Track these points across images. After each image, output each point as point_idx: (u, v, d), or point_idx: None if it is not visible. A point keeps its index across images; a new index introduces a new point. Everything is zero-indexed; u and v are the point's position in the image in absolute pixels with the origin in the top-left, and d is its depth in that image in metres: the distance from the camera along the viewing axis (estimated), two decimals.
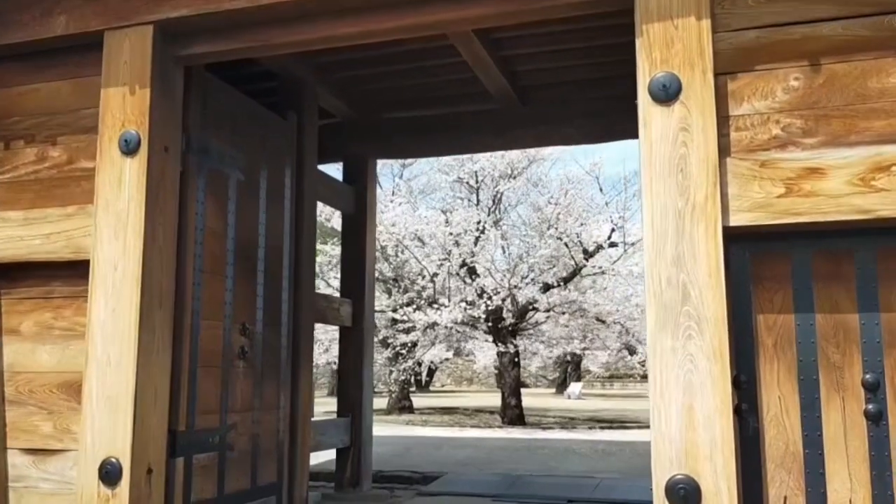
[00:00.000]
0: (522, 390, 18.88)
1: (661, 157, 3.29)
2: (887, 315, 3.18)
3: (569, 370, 44.20)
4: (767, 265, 3.33)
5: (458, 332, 20.65)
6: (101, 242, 4.05)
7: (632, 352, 24.30)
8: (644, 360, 26.46)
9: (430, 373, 40.94)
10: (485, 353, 36.00)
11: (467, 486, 8.19)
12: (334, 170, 9.06)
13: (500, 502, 7.08)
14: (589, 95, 6.93)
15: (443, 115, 7.35)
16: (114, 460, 3.81)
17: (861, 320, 3.21)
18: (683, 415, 3.11)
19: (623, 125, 6.95)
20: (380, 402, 21.76)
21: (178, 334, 4.33)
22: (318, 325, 7.05)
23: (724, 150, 3.29)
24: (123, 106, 4.15)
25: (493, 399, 32.86)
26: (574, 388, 37.27)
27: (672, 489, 3.06)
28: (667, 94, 3.31)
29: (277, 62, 6.06)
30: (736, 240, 3.29)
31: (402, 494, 7.59)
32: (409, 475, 9.00)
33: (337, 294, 9.08)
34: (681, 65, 3.32)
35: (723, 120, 3.32)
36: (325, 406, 19.71)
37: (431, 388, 44.88)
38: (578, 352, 18.07)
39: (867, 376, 3.18)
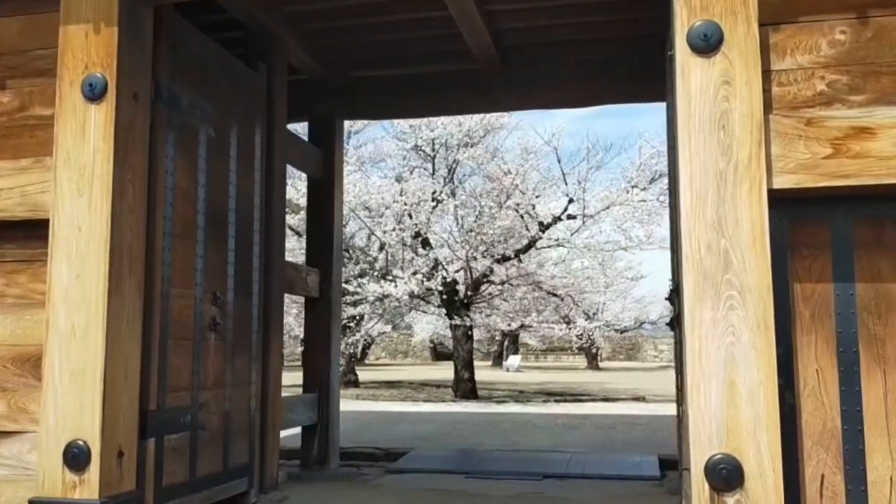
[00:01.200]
0: (452, 362, 18.78)
1: (701, 113, 3.06)
2: None
3: (506, 343, 44.42)
4: (805, 232, 3.16)
5: (405, 305, 20.41)
6: (63, 200, 3.63)
7: (569, 324, 24.24)
8: (581, 333, 26.75)
9: (366, 346, 40.63)
10: (423, 326, 35.85)
11: (436, 462, 7.97)
12: (298, 131, 8.60)
13: (475, 479, 6.88)
14: (575, 57, 6.67)
15: (419, 75, 6.99)
16: (81, 443, 3.43)
17: None
18: (725, 390, 2.92)
19: (612, 89, 6.76)
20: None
21: (147, 303, 3.94)
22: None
23: (766, 107, 3.08)
24: (87, 46, 3.71)
25: (434, 372, 32.80)
26: (513, 360, 37.50)
27: (713, 469, 2.88)
28: (708, 44, 3.07)
29: (245, 10, 5.61)
30: (773, 204, 3.09)
31: (369, 473, 7.32)
32: (372, 452, 8.72)
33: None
34: (723, 13, 3.09)
35: (765, 74, 3.11)
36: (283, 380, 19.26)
37: (367, 362, 44.69)
38: (535, 325, 18.05)
39: None
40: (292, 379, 11.15)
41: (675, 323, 4.14)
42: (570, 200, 16.05)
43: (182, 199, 4.37)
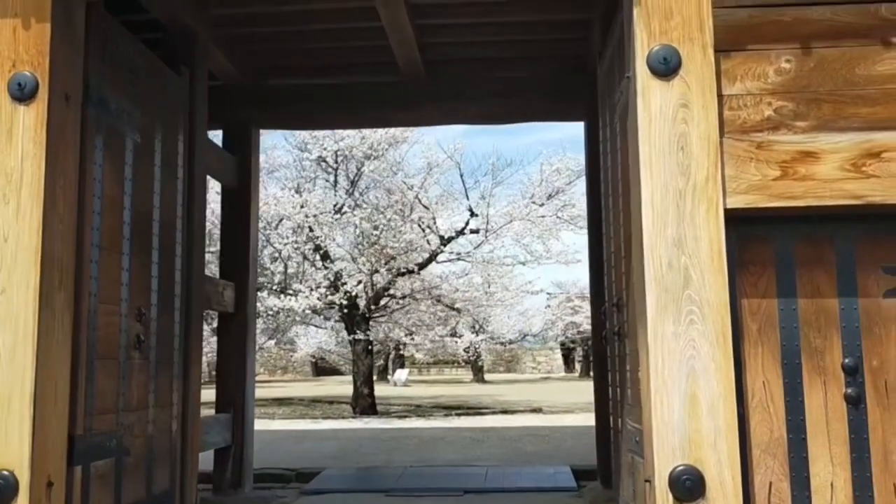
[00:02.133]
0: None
1: (660, 134, 3.19)
2: (865, 300, 3.29)
3: (391, 357, 44.27)
4: (752, 250, 3.34)
5: (299, 320, 20.03)
6: None
7: (461, 336, 24.45)
8: (468, 347, 27.15)
9: None
10: (306, 341, 35.19)
11: (351, 481, 7.86)
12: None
13: (395, 497, 6.83)
14: (498, 75, 6.82)
15: (342, 85, 6.92)
16: (7, 473, 3.16)
17: (840, 305, 3.30)
18: (686, 402, 3.04)
19: (532, 107, 6.92)
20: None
21: (75, 320, 3.69)
22: None
23: (720, 130, 3.24)
24: (14, 42, 3.45)
25: (319, 388, 32.26)
26: (400, 374, 37.47)
27: (676, 480, 2.98)
28: (667, 68, 3.21)
29: (169, 12, 5.38)
30: (726, 223, 3.25)
31: (285, 495, 7.12)
32: (282, 473, 8.49)
33: None
34: (681, 38, 3.24)
35: (717, 99, 3.27)
36: None
37: None
38: (437, 338, 18.10)
39: (847, 360, 3.27)
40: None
41: (615, 336, 4.27)
42: (473, 214, 16.26)
43: (110, 208, 4.13)
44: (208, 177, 6.74)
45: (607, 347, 4.82)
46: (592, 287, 6.67)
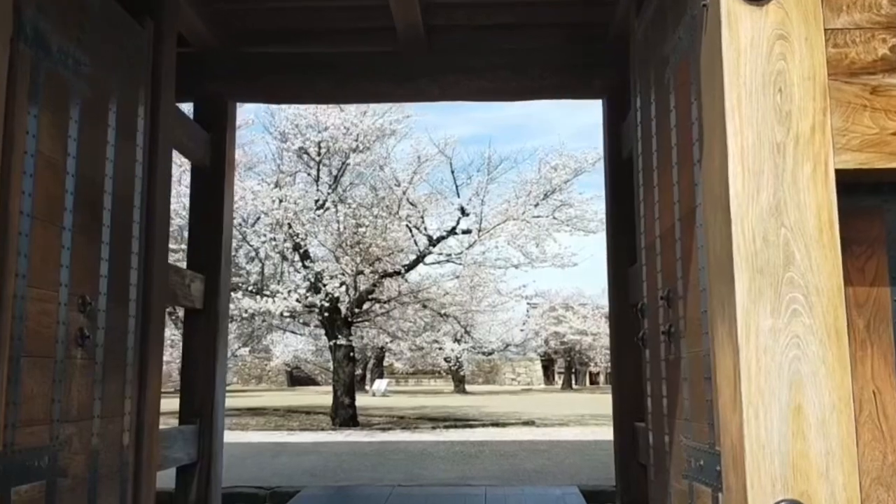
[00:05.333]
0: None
1: (752, 73, 2.54)
2: None
3: (370, 366, 43.65)
4: (857, 225, 2.70)
5: (276, 325, 19.28)
6: None
7: (450, 344, 23.83)
8: (449, 357, 26.57)
9: None
10: (282, 349, 34.31)
11: (333, 502, 7.15)
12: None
13: None
14: (508, 45, 6.17)
15: (330, 54, 6.24)
16: None
17: None
18: (789, 417, 2.38)
19: (546, 82, 6.27)
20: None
21: None
22: None
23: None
24: None
25: (294, 398, 31.53)
26: (380, 384, 36.93)
27: None
28: None
29: None
30: None
31: None
32: (254, 492, 7.78)
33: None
34: None
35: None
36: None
37: None
38: (426, 345, 17.36)
39: None
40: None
41: (663, 336, 3.61)
42: (464, 213, 15.58)
43: (47, 170, 3.42)
44: (179, 154, 6.06)
45: (646, 351, 4.17)
46: (612, 287, 6.02)
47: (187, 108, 6.54)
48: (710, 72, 2.68)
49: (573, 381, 47.23)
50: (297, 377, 50.71)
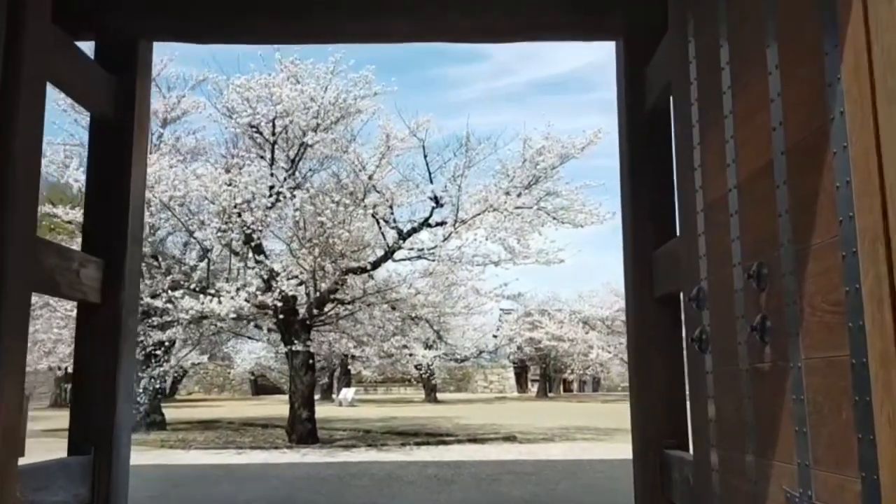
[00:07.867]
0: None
1: None
2: None
3: (336, 374, 42.39)
4: None
5: (227, 329, 18.00)
6: None
7: (423, 350, 22.73)
8: (420, 364, 25.47)
9: (177, 380, 37.28)
10: (245, 356, 33.05)
11: None
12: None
13: None
14: None
15: None
16: None
17: None
18: None
19: (544, 19, 5.19)
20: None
21: None
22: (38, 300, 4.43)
23: None
24: None
25: (255, 409, 30.25)
26: (346, 393, 35.97)
27: None
28: None
29: None
30: None
31: None
32: None
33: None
34: None
35: None
36: (44, 423, 16.14)
37: (178, 397, 41.22)
38: (395, 351, 16.11)
39: None
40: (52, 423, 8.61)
41: (753, 333, 2.49)
42: (438, 204, 14.40)
43: None
44: (74, 104, 4.85)
45: (705, 357, 3.06)
46: (630, 277, 4.94)
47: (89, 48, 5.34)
48: None
49: (548, 390, 46.45)
50: (262, 385, 49.50)
